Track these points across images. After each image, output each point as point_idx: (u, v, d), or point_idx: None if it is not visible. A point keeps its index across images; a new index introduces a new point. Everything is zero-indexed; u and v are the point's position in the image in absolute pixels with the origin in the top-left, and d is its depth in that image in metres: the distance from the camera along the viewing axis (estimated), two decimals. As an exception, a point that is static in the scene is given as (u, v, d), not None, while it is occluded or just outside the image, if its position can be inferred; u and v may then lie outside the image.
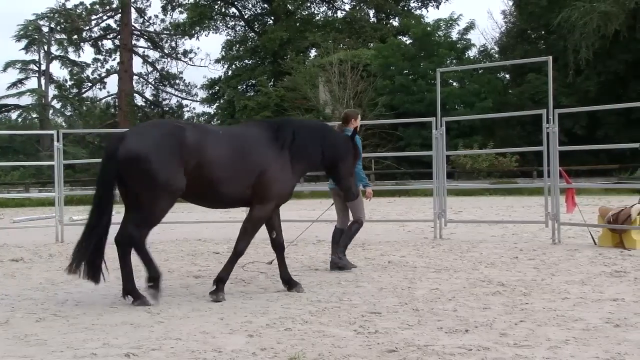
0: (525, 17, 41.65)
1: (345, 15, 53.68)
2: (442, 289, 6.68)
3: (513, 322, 5.13)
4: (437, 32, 41.70)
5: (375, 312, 5.62)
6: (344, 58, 39.33)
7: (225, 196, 6.47)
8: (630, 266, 7.87)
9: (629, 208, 9.85)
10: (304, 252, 10.09)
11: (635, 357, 4.15)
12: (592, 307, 5.64)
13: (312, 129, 7.00)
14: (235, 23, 56.82)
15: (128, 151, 6.02)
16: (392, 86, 38.92)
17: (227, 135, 6.60)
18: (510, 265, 8.23)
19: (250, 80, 51.19)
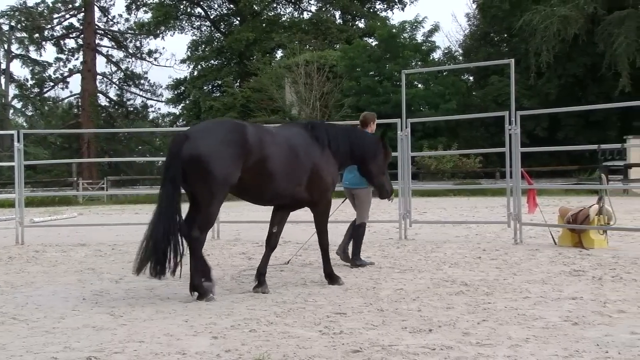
0: (488, 20, 42.20)
1: (312, 17, 53.79)
2: (407, 289, 6.72)
3: (476, 322, 5.19)
4: (403, 34, 42.01)
5: (340, 313, 5.63)
6: (310, 59, 39.39)
7: (278, 191, 6.73)
8: (589, 265, 8.01)
9: (588, 208, 10.02)
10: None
11: (593, 355, 4.23)
12: (552, 306, 5.72)
13: (340, 130, 7.39)
14: (201, 23, 56.57)
15: (192, 151, 6.16)
16: (358, 87, 39.11)
17: (279, 134, 6.89)
18: (473, 265, 8.32)
19: (216, 81, 51.00)
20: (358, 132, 7.78)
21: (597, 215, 9.91)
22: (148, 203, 28.25)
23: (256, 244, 11.30)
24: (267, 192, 6.71)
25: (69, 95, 57.32)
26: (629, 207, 17.71)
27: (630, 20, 32.42)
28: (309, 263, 8.96)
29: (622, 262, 8.18)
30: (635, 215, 15.22)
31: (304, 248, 10.31)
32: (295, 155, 6.76)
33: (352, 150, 7.33)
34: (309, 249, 10.41)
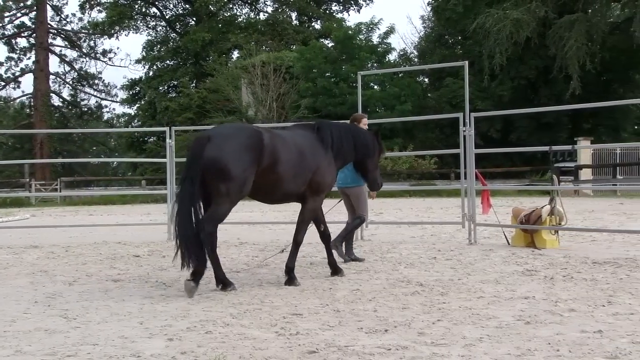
0: (442, 22, 42.67)
1: (268, 17, 53.66)
2: (363, 289, 6.75)
3: (431, 321, 5.24)
4: (359, 35, 42.19)
5: (296, 314, 5.62)
6: (267, 60, 39.28)
7: (287, 191, 7.21)
8: (541, 265, 8.16)
9: (540, 209, 10.21)
10: (225, 255, 9.99)
11: (544, 353, 4.31)
12: (505, 305, 5.81)
13: (344, 130, 7.87)
14: (156, 23, 55.92)
15: (215, 153, 6.57)
16: (315, 88, 39.15)
17: (288, 137, 7.32)
18: (428, 266, 8.40)
19: (172, 82, 50.49)
20: (357, 129, 8.21)
21: (549, 215, 10.10)
22: (102, 204, 27.86)
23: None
24: (277, 192, 7.20)
25: (21, 95, 56.18)
26: (580, 207, 18.10)
27: (580, 24, 33.12)
28: (265, 264, 8.92)
29: (572, 262, 8.35)
30: (585, 216, 15.57)
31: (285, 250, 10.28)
32: (303, 157, 7.21)
33: (355, 148, 7.85)
34: (265, 250, 10.38)
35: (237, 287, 6.89)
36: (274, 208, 21.74)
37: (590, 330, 4.83)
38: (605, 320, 5.15)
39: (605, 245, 10.21)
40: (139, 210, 23.28)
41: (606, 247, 10.06)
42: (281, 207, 21.87)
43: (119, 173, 55.40)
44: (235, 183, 6.63)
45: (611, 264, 8.05)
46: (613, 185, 27.48)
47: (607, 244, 10.37)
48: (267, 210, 21.04)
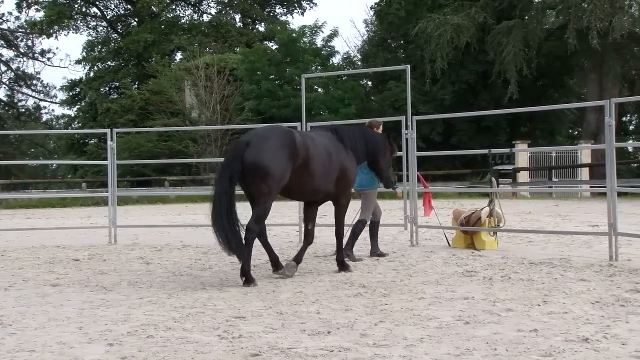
0: (385, 26, 43.02)
1: (211, 19, 53.17)
2: (306, 291, 6.77)
3: (373, 323, 5.28)
4: (302, 38, 42.22)
5: (239, 317, 5.60)
6: (210, 62, 38.95)
7: (317, 188, 7.80)
8: (480, 266, 8.32)
9: (480, 211, 10.41)
10: (168, 258, 9.89)
11: (482, 352, 4.40)
12: (446, 306, 5.91)
13: (357, 133, 8.48)
14: (97, 23, 54.74)
15: (255, 156, 7.15)
16: (259, 91, 39.01)
17: (315, 138, 7.92)
18: (371, 267, 8.47)
19: (114, 83, 49.55)
20: (370, 132, 8.83)
21: (488, 217, 10.31)
22: (41, 207, 27.17)
23: (154, 249, 11.06)
24: (308, 188, 7.77)
25: (-45, 95, 54.35)
26: (517, 209, 18.51)
27: (517, 30, 33.89)
28: (208, 267, 8.86)
29: (510, 263, 8.54)
30: (522, 217, 15.93)
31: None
32: (329, 156, 7.83)
33: (367, 149, 8.48)
34: (208, 253, 10.30)
35: (257, 283, 7.22)
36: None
37: (526, 329, 4.95)
38: (540, 320, 5.29)
39: (541, 246, 10.48)
40: (79, 213, 22.79)
41: (542, 247, 10.32)
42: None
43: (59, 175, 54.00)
44: (275, 181, 7.23)
45: (546, 264, 8.26)
46: (549, 188, 28.23)
47: (543, 245, 10.64)
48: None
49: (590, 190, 26.85)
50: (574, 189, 29.82)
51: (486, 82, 37.47)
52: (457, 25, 34.22)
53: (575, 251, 9.73)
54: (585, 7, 31.50)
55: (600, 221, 12.51)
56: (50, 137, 56.40)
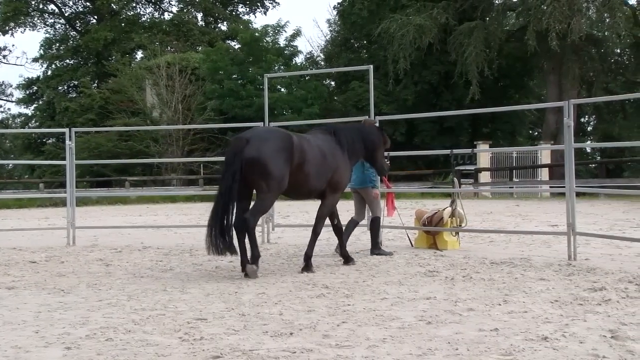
0: (348, 26, 43.20)
1: (173, 18, 52.77)
2: (269, 293, 6.75)
3: (335, 324, 5.29)
4: (265, 38, 42.15)
5: (201, 319, 5.57)
6: (172, 61, 38.68)
7: (311, 188, 8.25)
8: (442, 266, 8.39)
9: (442, 211, 10.51)
10: (128, 259, 9.78)
11: (444, 352, 4.44)
12: (408, 306, 5.95)
13: (354, 131, 8.91)
14: (55, 21, 53.88)
15: (255, 154, 7.58)
16: (221, 90, 38.82)
17: (312, 140, 8.29)
18: (334, 268, 8.49)
19: (72, 81, 48.87)
20: (364, 129, 9.16)
21: (450, 217, 10.41)
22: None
23: (114, 250, 10.93)
24: (304, 188, 8.22)
25: None
26: (479, 209, 18.73)
27: (478, 31, 34.30)
28: (170, 269, 8.78)
29: (472, 262, 8.63)
30: (484, 217, 16.12)
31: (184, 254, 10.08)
32: (325, 158, 8.23)
33: (365, 146, 8.89)
34: (169, 254, 10.22)
35: (253, 277, 7.66)
36: (180, 212, 21.44)
37: (487, 329, 5.01)
38: (501, 319, 5.36)
39: (502, 246, 10.62)
40: (37, 214, 22.42)
41: (503, 247, 10.46)
42: (187, 212, 21.60)
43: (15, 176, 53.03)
44: (274, 180, 7.65)
45: (507, 264, 8.37)
46: (510, 188, 28.63)
47: (504, 245, 10.78)
48: (172, 214, 20.73)
49: (549, 191, 27.31)
50: (534, 189, 30.29)
51: (448, 83, 37.84)
52: (420, 26, 34.49)
53: (535, 251, 9.89)
54: (544, 9, 32.01)
55: (560, 221, 12.73)
56: (6, 137, 55.40)
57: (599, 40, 36.85)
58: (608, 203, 20.92)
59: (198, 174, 36.85)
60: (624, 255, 9.14)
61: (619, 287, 6.56)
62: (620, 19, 32.30)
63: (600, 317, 5.34)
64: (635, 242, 9.74)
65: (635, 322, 5.12)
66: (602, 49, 37.36)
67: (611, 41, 34.51)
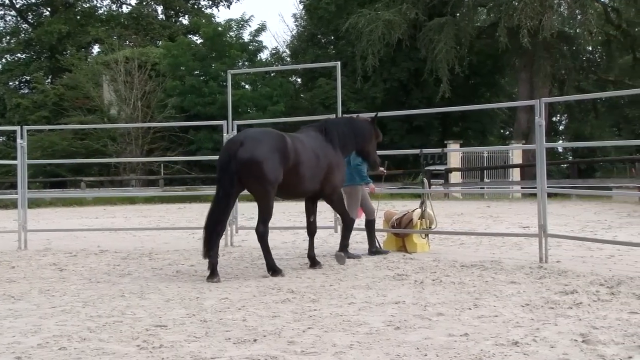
0: (315, 21, 43.20)
1: (132, 11, 52.23)
2: (232, 298, 6.73)
3: (301, 330, 5.30)
4: (229, 32, 41.97)
5: (160, 326, 5.52)
6: (131, 56, 38.30)
7: (305, 189, 8.56)
8: (411, 269, 8.45)
9: (411, 212, 10.57)
10: (84, 264, 9.67)
11: (413, 358, 4.47)
12: (376, 311, 5.97)
13: (345, 125, 9.14)
14: (5, 12, 52.91)
15: (249, 155, 7.84)
16: (183, 87, 38.57)
17: (305, 140, 8.54)
18: (300, 272, 8.49)
19: (24, 77, 48.11)
20: (355, 121, 9.35)
21: (420, 219, 10.48)
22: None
23: (69, 254, 10.79)
24: (298, 189, 8.52)
25: None
26: (449, 210, 18.89)
27: (448, 27, 34.54)
28: (128, 273, 8.70)
29: (442, 265, 8.71)
30: (454, 219, 16.26)
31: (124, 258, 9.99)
32: (317, 158, 8.49)
33: (356, 141, 9.17)
34: (127, 258, 10.12)
35: (284, 273, 8.18)
36: (139, 214, 21.25)
37: (457, 334, 5.06)
38: (471, 323, 5.41)
39: (473, 249, 10.73)
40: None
41: (474, 250, 10.57)
42: (147, 213, 21.42)
43: (-37, 176, 52.15)
44: (269, 182, 7.93)
45: (478, 267, 8.46)
46: (481, 189, 28.94)
47: (475, 247, 10.89)
48: (130, 216, 20.53)
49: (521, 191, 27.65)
50: (505, 189, 30.64)
51: (418, 80, 38.07)
52: (389, 21, 34.61)
53: (506, 253, 10.01)
54: (515, 5, 32.41)
55: (531, 222, 12.91)
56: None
57: (570, 37, 37.45)
58: (580, 204, 21.26)
59: (158, 175, 36.57)
60: (596, 258, 9.30)
61: (590, 290, 6.67)
62: (592, 16, 32.81)
63: (572, 321, 5.42)
64: (606, 243, 9.92)
65: (607, 326, 5.21)
66: (573, 47, 37.99)
67: (583, 38, 35.08)
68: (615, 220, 15.06)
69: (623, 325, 5.24)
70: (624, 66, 42.82)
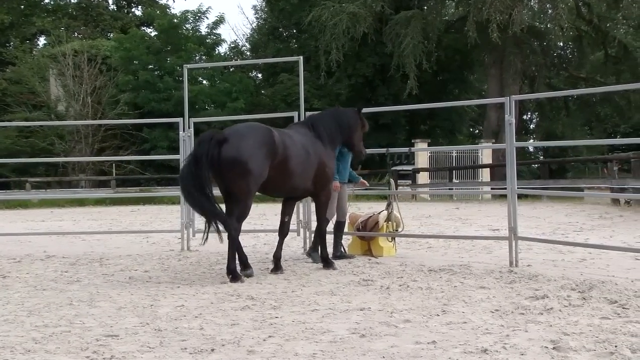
0: (276, 14, 43.20)
1: (80, 0, 51.60)
2: (188, 305, 6.69)
3: (262, 338, 5.29)
4: (185, 24, 41.76)
5: (112, 335, 5.47)
6: (80, 49, 37.90)
7: (294, 186, 8.67)
8: (377, 274, 8.48)
9: (377, 215, 10.61)
10: (29, 270, 9.52)
11: (379, 367, 4.49)
12: (340, 318, 5.99)
13: (330, 118, 9.27)
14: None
15: (234, 153, 7.87)
16: (136, 82, 38.27)
17: (294, 136, 8.67)
18: (260, 278, 8.47)
19: (-37, 70, 47.28)
20: (339, 113, 9.54)
21: (386, 221, 10.52)
22: None
23: (12, 260, 10.61)
24: (286, 186, 8.63)
25: None
26: (417, 212, 19.03)
27: (416, 21, 34.75)
28: (77, 280, 8.59)
29: (409, 270, 8.75)
30: (422, 221, 16.38)
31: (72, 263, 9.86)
32: (307, 154, 8.63)
33: (342, 134, 9.30)
34: (76, 264, 10.00)
35: (254, 273, 8.40)
36: (89, 217, 21.00)
37: (424, 342, 5.09)
38: (439, 330, 5.46)
39: (441, 252, 10.81)
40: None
41: (442, 253, 10.65)
42: (97, 216, 21.18)
43: None
44: (253, 178, 7.99)
45: (446, 271, 8.53)
46: (449, 190, 29.18)
47: (443, 251, 10.98)
48: (80, 219, 20.29)
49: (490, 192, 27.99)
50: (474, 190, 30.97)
51: (384, 76, 38.26)
52: (354, 14, 34.70)
53: (476, 257, 10.11)
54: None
55: (501, 225, 13.06)
56: None
57: (541, 32, 37.98)
58: (551, 205, 21.58)
59: (110, 175, 36.21)
60: (567, 261, 9.44)
61: (561, 295, 6.77)
62: (563, 11, 33.28)
63: (542, 327, 5.50)
64: (578, 246, 10.08)
65: (578, 332, 5.29)
66: (544, 42, 38.53)
67: (554, 34, 35.61)
68: (587, 222, 15.32)
69: (594, 331, 5.33)
70: (595, 63, 43.57)
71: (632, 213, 17.60)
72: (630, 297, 6.57)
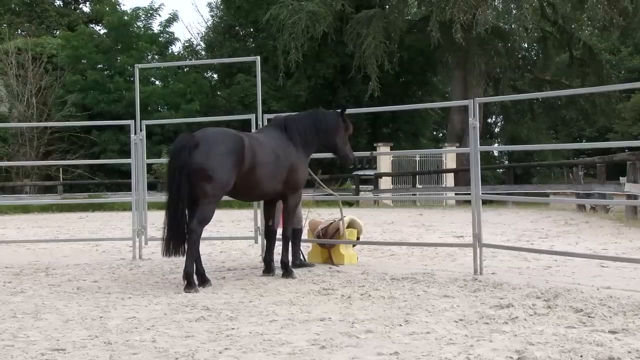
0: (232, 12, 43.11)
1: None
2: (140, 317, 6.63)
3: (217, 351, 5.27)
4: (136, 22, 41.44)
5: (58, 349, 5.41)
6: (23, 46, 37.40)
7: (265, 190, 8.89)
8: (338, 283, 8.50)
9: (338, 221, 10.64)
10: (-30, 282, 9.34)
11: (340, 379, 4.51)
12: (300, 329, 5.99)
13: (306, 120, 9.36)
14: None
15: (202, 159, 8.11)
16: (84, 82, 37.87)
17: (263, 140, 8.85)
18: (216, 287, 8.44)
19: None
20: (321, 115, 9.57)
21: (347, 228, 10.55)
22: None
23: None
24: (255, 192, 8.92)
25: None
26: (379, 219, 19.12)
27: (377, 20, 34.93)
28: (21, 291, 8.46)
29: (371, 279, 8.79)
30: (384, 228, 16.47)
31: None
32: (277, 158, 8.79)
33: (319, 137, 9.40)
34: (20, 274, 9.85)
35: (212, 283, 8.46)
36: (34, 224, 20.71)
37: (386, 353, 5.12)
38: (402, 341, 5.49)
39: (404, 260, 10.87)
40: None
41: (405, 261, 10.71)
42: (43, 224, 20.89)
43: None
44: (219, 186, 8.22)
45: (409, 280, 8.59)
46: (412, 195, 29.40)
47: (406, 258, 11.04)
48: (24, 226, 20.00)
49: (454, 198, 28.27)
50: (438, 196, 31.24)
51: (345, 78, 38.41)
52: (313, 13, 34.77)
53: (439, 265, 10.19)
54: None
55: (465, 231, 13.20)
56: None
57: (505, 33, 38.50)
58: (516, 211, 21.86)
59: (56, 180, 35.72)
60: (532, 269, 9.57)
61: (527, 304, 6.86)
62: (527, 11, 33.73)
63: (507, 337, 5.57)
64: (543, 254, 10.23)
65: (543, 342, 5.37)
66: (509, 43, 39.04)
67: (518, 35, 36.09)
68: (553, 228, 15.55)
69: (560, 340, 5.41)
70: (560, 65, 44.31)
71: (598, 219, 17.93)
72: (595, 305, 6.68)
